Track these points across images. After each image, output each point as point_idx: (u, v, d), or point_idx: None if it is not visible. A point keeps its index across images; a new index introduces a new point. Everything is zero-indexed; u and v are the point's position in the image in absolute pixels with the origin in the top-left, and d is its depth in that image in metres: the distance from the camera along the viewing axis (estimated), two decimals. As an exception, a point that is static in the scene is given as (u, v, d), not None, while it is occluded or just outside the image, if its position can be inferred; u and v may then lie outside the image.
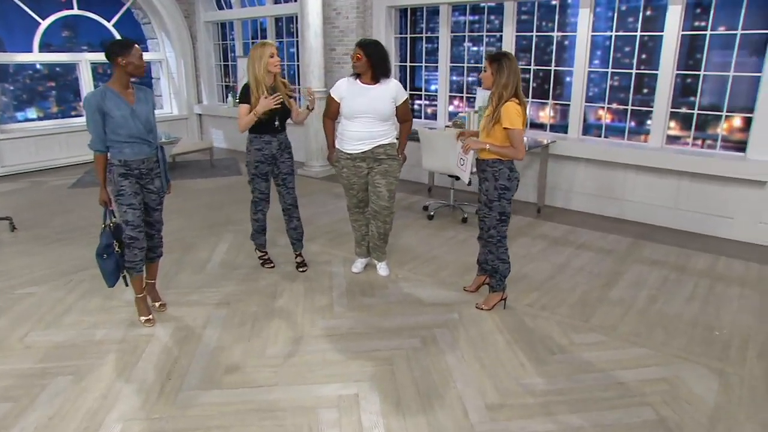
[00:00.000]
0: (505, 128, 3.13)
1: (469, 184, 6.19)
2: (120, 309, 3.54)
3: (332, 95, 3.78)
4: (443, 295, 3.80)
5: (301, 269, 4.17)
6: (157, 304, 3.53)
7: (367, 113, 3.66)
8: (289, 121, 3.95)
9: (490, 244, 3.44)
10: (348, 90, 3.70)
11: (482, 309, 3.57)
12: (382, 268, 4.12)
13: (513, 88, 3.14)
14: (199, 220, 5.47)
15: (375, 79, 3.67)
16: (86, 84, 8.41)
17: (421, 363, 2.98)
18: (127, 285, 3.31)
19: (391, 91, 3.71)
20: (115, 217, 3.20)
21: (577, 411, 2.59)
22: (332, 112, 3.83)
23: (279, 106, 3.69)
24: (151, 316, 3.36)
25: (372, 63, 3.58)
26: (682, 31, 5.10)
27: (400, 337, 3.23)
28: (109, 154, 3.10)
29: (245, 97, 3.75)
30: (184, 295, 3.77)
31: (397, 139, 3.88)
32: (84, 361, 2.97)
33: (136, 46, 3.02)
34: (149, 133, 3.14)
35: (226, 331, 3.30)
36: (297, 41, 8.18)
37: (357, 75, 3.71)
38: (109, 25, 8.70)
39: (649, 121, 6.07)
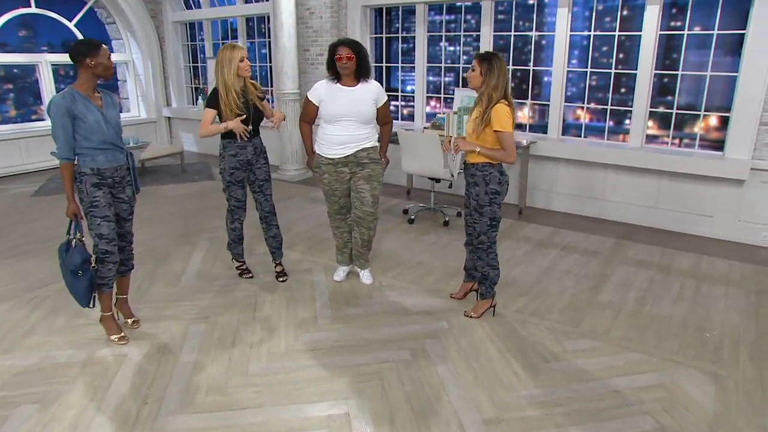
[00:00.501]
0: (495, 131, 3.03)
1: (450, 186, 6.12)
2: (89, 328, 3.31)
3: (310, 98, 3.61)
4: (430, 302, 3.69)
5: (281, 279, 4.00)
6: (129, 321, 3.31)
7: (349, 116, 3.51)
8: (263, 124, 3.77)
9: (479, 250, 3.33)
10: (327, 92, 3.55)
11: (471, 317, 3.47)
12: (365, 276, 3.98)
13: (503, 90, 3.04)
14: (172, 228, 5.24)
15: (357, 79, 3.54)
16: (47, 87, 8.04)
17: (412, 376, 2.85)
18: (92, 306, 3.06)
19: (372, 92, 3.57)
20: (81, 230, 2.97)
21: (576, 423, 2.50)
22: (310, 115, 3.67)
23: (248, 130, 3.56)
24: (123, 334, 3.14)
25: (359, 63, 3.45)
26: (660, 30, 5.10)
27: (389, 350, 3.10)
28: (76, 163, 2.88)
29: (213, 102, 3.55)
30: (159, 309, 3.56)
31: (378, 141, 3.75)
32: (51, 387, 2.75)
33: (104, 46, 2.83)
34: (120, 138, 2.95)
35: (205, 348, 3.11)
36: (269, 42, 7.98)
37: (335, 77, 3.55)
38: (71, 25, 8.33)
39: (627, 121, 6.09)
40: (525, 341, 3.22)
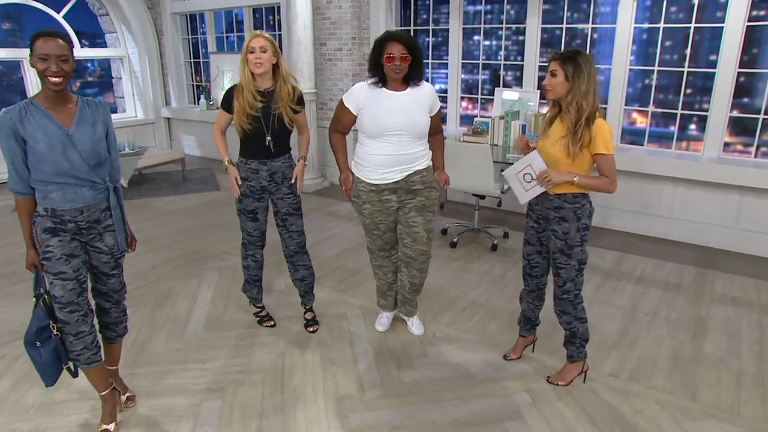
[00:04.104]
0: (596, 154, 2.30)
1: (499, 205, 5.37)
2: (70, 405, 2.56)
3: (346, 104, 2.83)
4: (499, 362, 2.94)
5: (311, 329, 3.23)
6: (123, 398, 2.55)
7: (401, 130, 2.75)
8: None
9: (563, 302, 2.58)
10: (370, 99, 2.76)
11: (557, 385, 2.73)
12: (415, 326, 3.23)
13: (593, 97, 2.30)
14: (174, 254, 4.47)
15: (405, 83, 2.78)
16: (32, 84, 7.23)
17: (503, 486, 2.12)
18: (75, 376, 2.32)
19: (426, 97, 2.81)
20: (44, 286, 2.19)
21: None
22: (344, 125, 2.90)
23: (239, 191, 2.92)
24: (112, 426, 2.36)
25: (414, 62, 2.68)
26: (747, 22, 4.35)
27: (464, 440, 2.37)
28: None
29: (224, 101, 2.89)
30: (160, 376, 2.81)
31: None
32: None
33: (44, 37, 1.98)
34: (94, 169, 2.12)
35: (221, 439, 2.37)
36: (279, 35, 7.20)
37: (380, 80, 2.77)
38: (59, 17, 7.53)
39: (692, 126, 5.36)
40: (637, 426, 2.48)
